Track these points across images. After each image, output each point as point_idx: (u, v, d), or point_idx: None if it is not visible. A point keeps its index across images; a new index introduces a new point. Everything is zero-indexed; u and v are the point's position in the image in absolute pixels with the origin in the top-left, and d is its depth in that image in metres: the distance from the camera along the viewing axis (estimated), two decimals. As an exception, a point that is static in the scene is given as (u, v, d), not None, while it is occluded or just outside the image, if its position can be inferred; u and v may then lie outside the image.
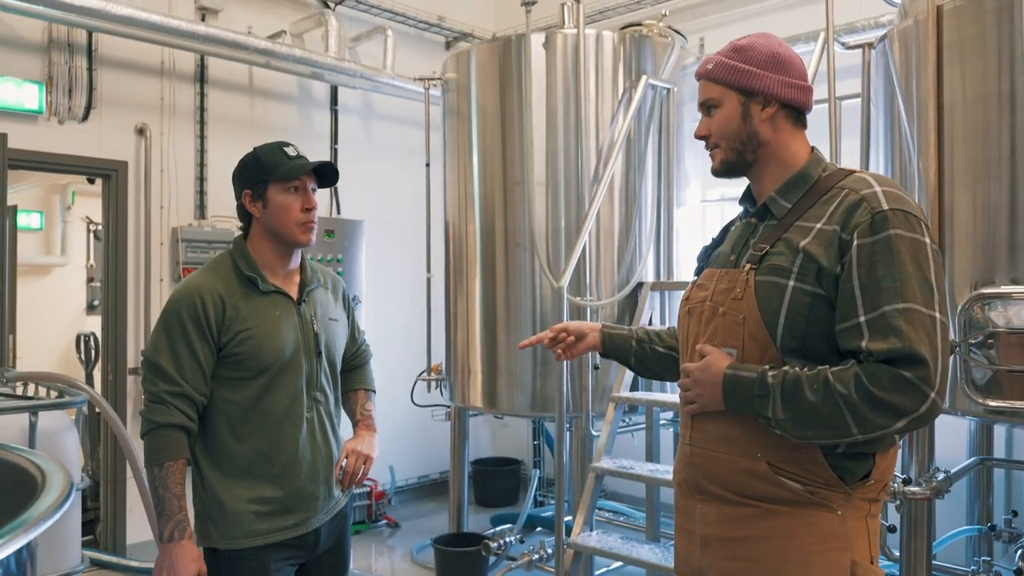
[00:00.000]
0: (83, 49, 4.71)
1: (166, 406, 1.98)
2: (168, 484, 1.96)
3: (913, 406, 1.40)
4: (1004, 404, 2.66)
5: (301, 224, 2.09)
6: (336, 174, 2.21)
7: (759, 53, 1.64)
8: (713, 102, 1.67)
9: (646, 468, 3.69)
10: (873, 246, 1.47)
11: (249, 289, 2.08)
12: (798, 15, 5.02)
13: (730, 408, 1.56)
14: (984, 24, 2.73)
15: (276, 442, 2.07)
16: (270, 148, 2.13)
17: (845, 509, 1.53)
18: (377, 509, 5.55)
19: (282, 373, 2.07)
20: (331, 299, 2.29)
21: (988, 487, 3.84)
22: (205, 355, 2.02)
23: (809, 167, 1.65)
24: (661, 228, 4.30)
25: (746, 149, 1.65)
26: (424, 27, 6.34)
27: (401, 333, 5.90)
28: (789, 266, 1.54)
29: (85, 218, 8.46)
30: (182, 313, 2.02)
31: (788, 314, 1.53)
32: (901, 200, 1.51)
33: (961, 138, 2.81)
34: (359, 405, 2.43)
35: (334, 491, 2.20)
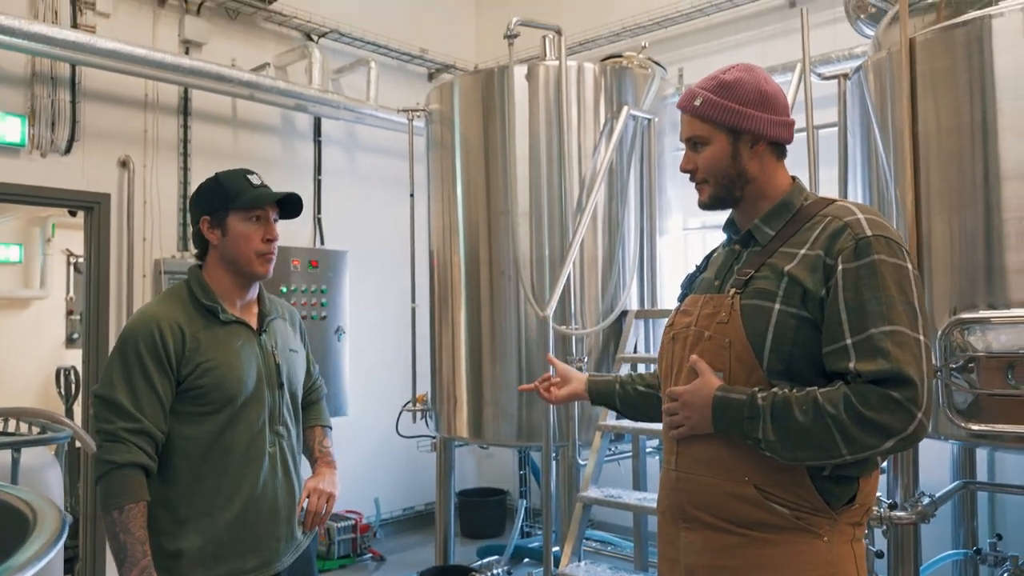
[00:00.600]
0: (66, 82, 4.72)
1: (124, 444, 1.86)
2: (130, 528, 1.84)
3: (901, 426, 1.42)
4: (986, 427, 2.68)
5: (261, 255, 2.03)
6: (300, 206, 2.14)
7: (747, 91, 1.65)
8: (701, 139, 1.68)
9: (633, 497, 3.69)
10: (858, 271, 1.50)
11: (209, 319, 2.00)
12: (774, 46, 5.13)
13: (719, 430, 1.56)
14: (955, 56, 2.81)
15: (237, 480, 1.96)
16: (233, 175, 2.07)
17: (831, 535, 1.54)
18: (362, 542, 5.48)
19: (245, 406, 1.98)
20: (289, 330, 2.22)
21: (972, 511, 3.86)
22: (164, 388, 1.92)
23: (792, 195, 1.68)
24: (644, 256, 4.34)
25: (735, 186, 1.68)
26: (407, 59, 6.41)
27: (386, 364, 5.88)
28: (775, 289, 1.57)
29: (65, 251, 8.39)
30: (139, 345, 1.92)
31: (774, 336, 1.55)
32: (883, 227, 1.55)
33: (936, 166, 2.87)
34: (317, 442, 2.33)
35: (296, 531, 2.10)
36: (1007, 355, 2.63)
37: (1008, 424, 2.65)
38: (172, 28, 5.20)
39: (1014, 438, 2.67)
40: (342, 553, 5.36)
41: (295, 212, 2.13)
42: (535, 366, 4.11)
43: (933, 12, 3.07)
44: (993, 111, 2.72)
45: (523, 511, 5.15)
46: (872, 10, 3.80)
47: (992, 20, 2.73)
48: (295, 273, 5.31)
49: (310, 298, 5.38)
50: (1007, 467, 4.03)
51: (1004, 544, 3.75)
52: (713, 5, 5.30)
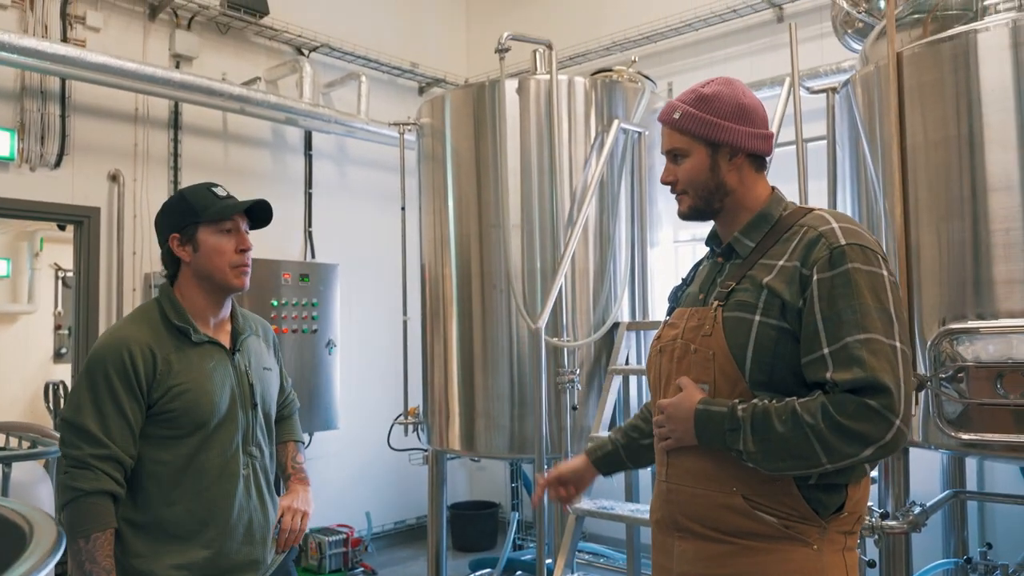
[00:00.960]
0: (56, 96, 4.71)
1: (92, 471, 1.81)
2: (96, 558, 1.79)
3: (879, 434, 1.43)
4: (976, 437, 2.70)
5: (235, 267, 1.99)
6: (270, 214, 2.09)
7: (725, 104, 1.68)
8: (680, 152, 1.72)
9: (626, 508, 3.69)
10: (832, 280, 1.52)
11: (180, 340, 1.95)
12: (762, 61, 5.19)
13: (702, 442, 1.58)
14: (942, 70, 2.85)
15: (210, 503, 1.93)
16: (197, 189, 2.03)
17: (821, 543, 1.55)
18: (353, 556, 5.45)
19: (218, 429, 1.94)
20: (263, 347, 2.18)
21: (962, 520, 3.89)
22: (134, 413, 1.87)
23: (770, 207, 1.71)
24: (635, 269, 4.36)
25: (714, 198, 1.71)
26: (397, 73, 6.44)
27: (377, 377, 5.87)
28: (754, 302, 1.59)
29: (53, 265, 8.35)
30: (108, 369, 1.87)
31: (755, 348, 1.57)
32: (858, 235, 1.57)
33: (924, 179, 2.91)
34: (289, 459, 2.29)
35: (269, 553, 2.07)
36: (996, 365, 2.66)
37: (998, 434, 2.67)
38: (163, 42, 5.20)
39: (1003, 447, 2.68)
40: (333, 567, 5.33)
41: (265, 221, 2.09)
42: (527, 378, 4.12)
43: (920, 27, 3.11)
44: (980, 124, 2.75)
45: (515, 524, 5.14)
46: (859, 25, 3.85)
47: (978, 35, 2.77)
48: (286, 287, 5.30)
49: (301, 312, 5.37)
50: (996, 476, 4.05)
51: (994, 553, 3.77)
52: (701, 20, 5.35)
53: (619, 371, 4.02)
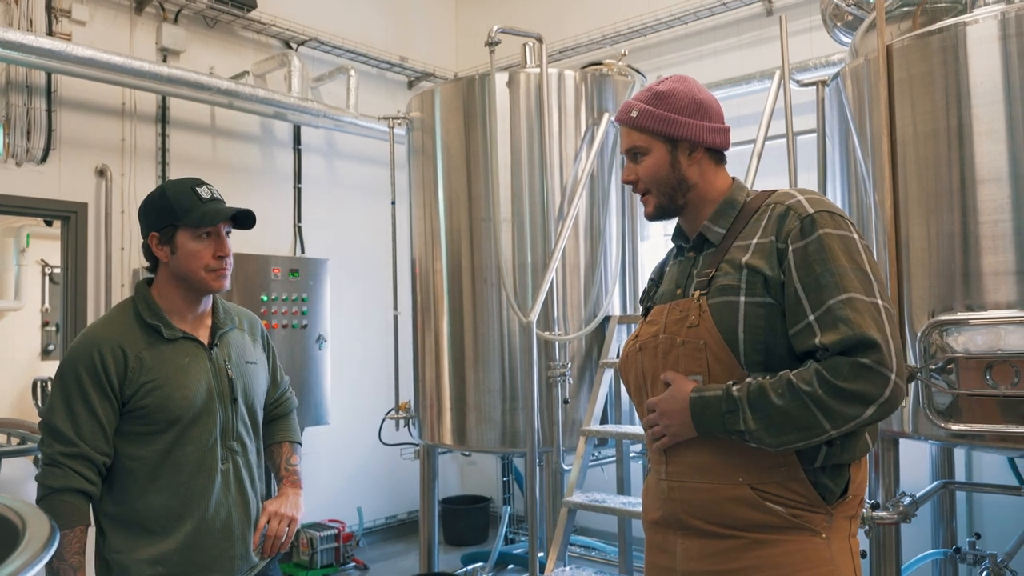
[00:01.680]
0: (42, 90, 4.66)
1: (61, 469, 1.83)
2: (63, 555, 1.79)
3: (877, 391, 1.44)
4: (965, 427, 2.72)
5: (212, 271, 1.97)
6: (253, 218, 2.06)
7: (681, 100, 1.70)
8: (640, 149, 1.73)
9: (618, 501, 3.69)
10: (806, 248, 1.54)
11: (153, 337, 1.95)
12: (752, 54, 5.19)
13: (702, 431, 1.56)
14: (931, 63, 2.85)
15: (187, 498, 1.92)
16: (181, 188, 1.99)
17: (829, 531, 1.55)
18: (345, 551, 5.44)
19: (193, 424, 1.94)
20: (248, 341, 2.16)
21: (951, 511, 3.92)
22: (106, 412, 1.88)
23: (734, 193, 1.73)
24: (626, 262, 4.37)
25: (676, 194, 1.72)
26: (386, 67, 6.41)
27: (368, 372, 5.86)
28: (737, 283, 1.60)
29: (40, 261, 8.27)
30: (79, 369, 1.89)
31: (746, 328, 1.57)
32: (824, 203, 1.60)
33: (914, 171, 2.92)
34: (283, 460, 2.25)
35: (251, 553, 2.04)
36: (985, 356, 2.68)
37: (987, 424, 2.69)
38: (150, 36, 5.16)
39: (993, 438, 2.70)
40: (325, 562, 5.32)
41: (249, 223, 2.07)
42: (518, 372, 4.12)
43: (909, 19, 3.12)
44: (968, 116, 2.77)
45: (507, 518, 5.15)
46: (849, 18, 3.85)
47: (967, 27, 2.78)
48: (275, 282, 5.28)
49: (291, 307, 5.34)
50: (984, 466, 4.08)
51: (983, 543, 3.80)
52: (691, 14, 5.35)
53: (610, 364, 4.03)
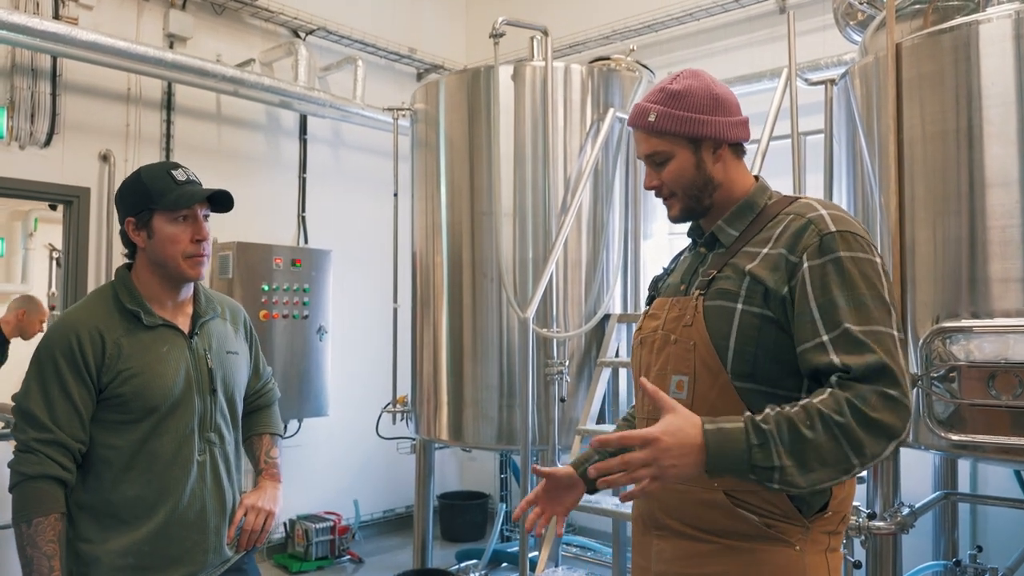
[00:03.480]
0: (47, 74, 4.65)
1: (36, 455, 1.79)
2: (38, 543, 1.75)
3: (900, 425, 1.36)
4: (967, 438, 2.65)
5: (189, 257, 1.93)
6: (231, 201, 1.99)
7: (700, 98, 1.61)
8: (662, 155, 1.64)
9: (612, 502, 3.64)
10: (824, 267, 1.46)
11: (132, 324, 1.90)
12: (763, 52, 5.11)
13: (713, 470, 1.35)
14: (942, 62, 2.78)
15: (162, 488, 1.88)
16: (156, 172, 1.94)
17: (803, 544, 1.50)
18: (340, 544, 5.42)
19: (170, 414, 1.90)
20: (230, 330, 2.11)
21: (953, 522, 3.84)
22: (82, 398, 1.84)
23: (755, 196, 1.66)
24: (628, 260, 4.30)
25: (703, 195, 1.65)
26: (395, 58, 6.36)
27: (368, 364, 5.83)
28: (736, 289, 1.54)
29: (48, 245, 8.30)
30: (55, 353, 1.84)
31: (738, 337, 1.51)
32: (847, 222, 1.52)
33: (921, 173, 2.85)
34: (263, 452, 2.21)
35: (225, 547, 1.99)
36: (989, 365, 2.60)
37: (989, 435, 2.62)
38: (156, 22, 5.14)
39: (995, 449, 2.63)
40: (320, 554, 5.29)
41: (227, 206, 2.00)
42: (516, 369, 4.07)
43: (920, 18, 3.04)
44: (979, 118, 2.69)
45: (503, 515, 5.11)
46: (861, 16, 3.77)
47: (980, 26, 2.70)
48: (277, 272, 5.25)
49: (292, 297, 5.31)
50: (988, 478, 4.00)
51: (985, 556, 3.73)
52: (703, 10, 5.27)
53: (608, 363, 3.97)
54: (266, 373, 2.31)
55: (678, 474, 1.34)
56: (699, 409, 1.54)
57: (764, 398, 1.50)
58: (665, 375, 1.62)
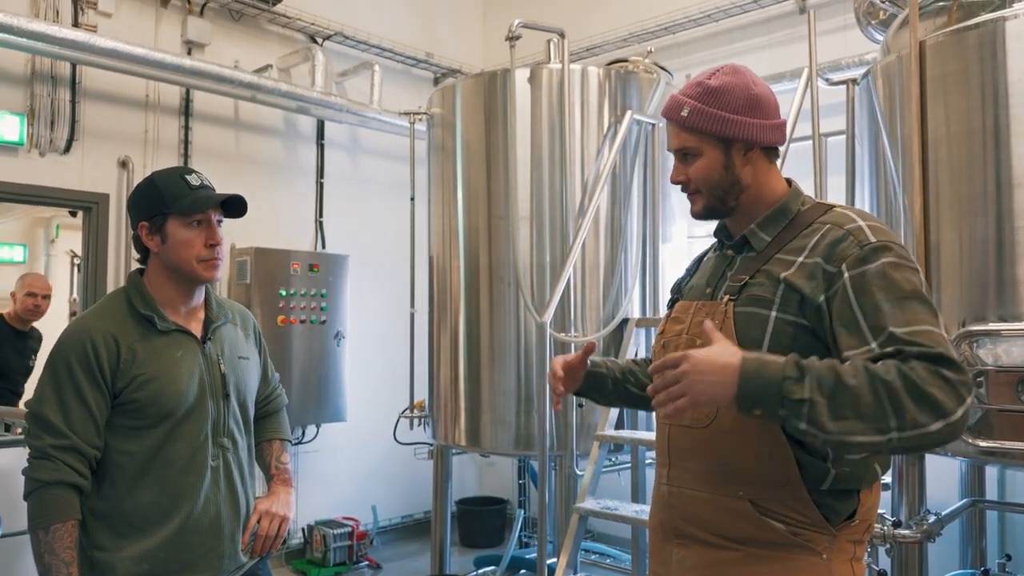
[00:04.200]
0: (66, 81, 4.68)
1: (52, 462, 1.78)
2: (55, 550, 1.75)
3: (952, 406, 1.28)
4: (994, 444, 2.60)
5: (204, 261, 1.93)
6: (244, 206, 2.00)
7: (736, 97, 1.57)
8: (691, 151, 1.61)
9: (631, 509, 3.60)
10: (864, 275, 1.42)
11: (146, 329, 1.90)
12: (783, 52, 5.05)
13: (744, 397, 1.31)
14: (967, 60, 2.72)
15: (176, 494, 1.88)
16: (170, 176, 1.95)
17: (830, 552, 1.48)
18: (358, 550, 5.40)
19: (185, 419, 1.89)
20: (241, 336, 2.12)
21: (981, 530, 3.76)
22: (97, 404, 1.83)
23: (789, 201, 1.62)
24: (647, 263, 4.26)
25: (729, 196, 1.61)
26: (412, 63, 6.37)
27: (385, 369, 5.82)
28: (771, 297, 1.50)
29: (69, 251, 8.37)
30: (70, 358, 1.83)
31: (771, 345, 1.48)
32: (886, 233, 1.49)
33: (946, 174, 2.79)
34: (274, 458, 2.21)
35: (239, 552, 1.99)
36: (1017, 369, 2.54)
37: (1018, 441, 2.56)
38: (175, 28, 5.17)
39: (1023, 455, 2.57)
40: (338, 560, 5.29)
41: (240, 211, 2.01)
42: (533, 373, 4.04)
43: (944, 15, 2.98)
44: (1006, 116, 2.63)
45: (521, 521, 5.08)
46: (883, 15, 3.72)
47: (1006, 23, 2.65)
48: (295, 277, 5.26)
49: (310, 302, 5.32)
50: (1018, 485, 3.92)
51: (1014, 565, 3.65)
52: (721, 11, 5.23)
53: (627, 368, 3.93)
54: (274, 379, 2.31)
55: (706, 392, 1.32)
56: (725, 415, 1.51)
57: None
58: None
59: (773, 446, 1.47)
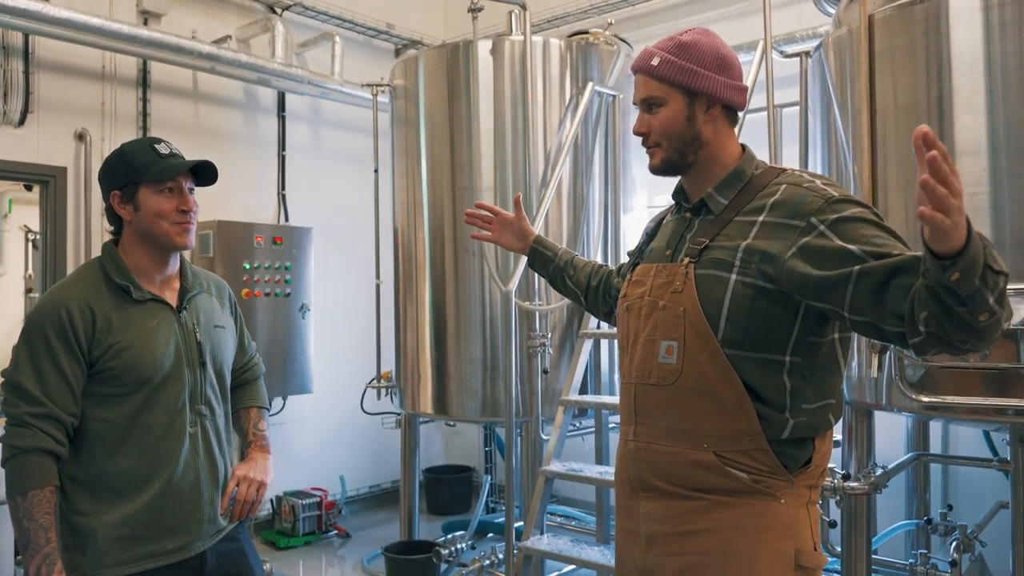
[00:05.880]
0: (19, 52, 4.59)
1: (29, 428, 1.81)
2: (33, 515, 1.79)
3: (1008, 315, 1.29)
4: (937, 399, 2.74)
5: (176, 224, 1.96)
6: (215, 173, 2.04)
7: (705, 53, 1.64)
8: (657, 100, 1.67)
9: (595, 471, 3.72)
10: (841, 219, 1.46)
11: (121, 298, 1.93)
12: (739, 25, 5.14)
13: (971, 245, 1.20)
14: (913, 33, 2.83)
15: (155, 460, 1.91)
16: (139, 146, 1.98)
17: (788, 497, 1.57)
18: (327, 519, 5.47)
19: (161, 387, 1.93)
20: (216, 305, 2.15)
21: (925, 482, 3.96)
22: (74, 372, 1.86)
23: (744, 165, 1.68)
24: (609, 233, 4.35)
25: (688, 149, 1.67)
26: (373, 34, 6.33)
27: (351, 340, 5.85)
28: (731, 260, 1.57)
29: (23, 227, 8.20)
30: (46, 327, 1.85)
31: (731, 307, 1.55)
32: (845, 192, 1.55)
33: (893, 143, 2.91)
34: (251, 424, 2.25)
35: (219, 517, 2.04)
36: (958, 328, 2.68)
37: (959, 396, 2.71)
38: (130, -2, 5.08)
39: (964, 410, 2.72)
40: (307, 530, 5.35)
41: (211, 179, 2.05)
42: (499, 342, 4.12)
43: (892, -10, 3.09)
44: (949, 88, 2.75)
45: (488, 487, 5.18)
46: (835, -12, 3.81)
47: (949, -1, 2.76)
48: (259, 250, 5.25)
49: (274, 275, 5.32)
50: (959, 439, 4.12)
51: (955, 514, 3.85)
52: (680, -17, 5.29)
53: (590, 335, 4.03)
54: (251, 348, 2.34)
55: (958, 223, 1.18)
56: (689, 373, 1.59)
57: (752, 363, 1.56)
58: (654, 340, 1.65)
59: (735, 401, 1.55)
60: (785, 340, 1.56)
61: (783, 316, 1.54)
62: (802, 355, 1.57)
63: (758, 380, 1.56)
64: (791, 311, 1.54)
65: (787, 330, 1.55)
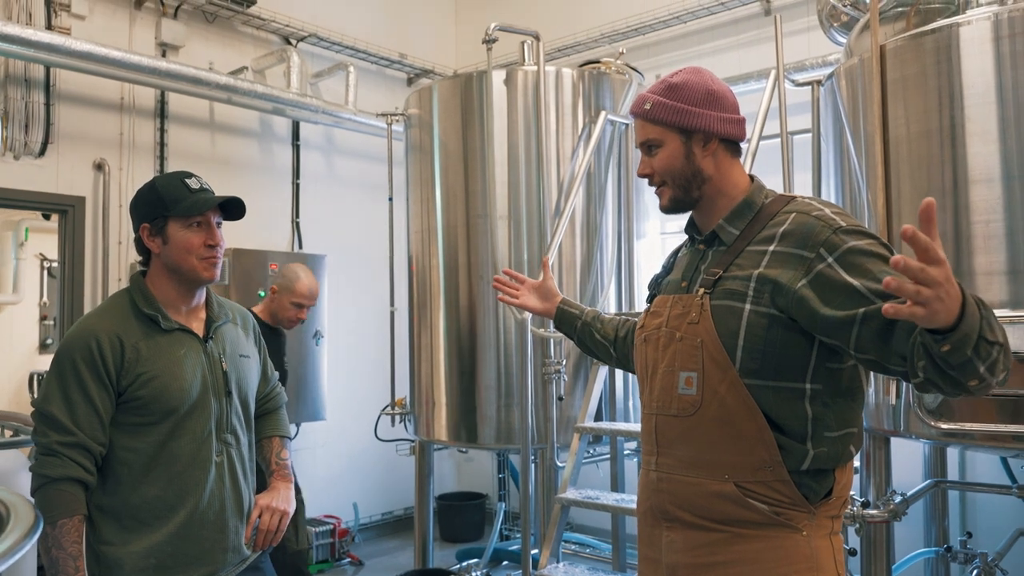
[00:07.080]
0: (40, 84, 4.67)
1: (59, 458, 1.83)
2: (63, 544, 1.80)
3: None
4: (955, 427, 2.73)
5: (204, 259, 1.99)
6: (243, 208, 2.08)
7: (694, 91, 1.68)
8: (654, 142, 1.71)
9: (611, 498, 3.71)
10: (847, 253, 1.47)
11: (150, 328, 1.96)
12: (750, 54, 5.20)
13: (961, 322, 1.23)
14: (924, 63, 2.87)
15: (181, 489, 1.93)
16: (170, 180, 2.02)
17: (810, 529, 1.56)
18: (340, 547, 5.46)
19: (188, 416, 1.95)
20: (241, 335, 2.17)
21: (943, 509, 3.93)
22: (103, 401, 1.88)
23: (752, 195, 1.70)
24: (622, 260, 4.38)
25: (691, 186, 1.70)
26: (386, 64, 6.42)
27: (365, 367, 5.87)
28: (744, 290, 1.58)
29: (39, 255, 8.29)
30: (76, 358, 1.88)
31: (746, 336, 1.56)
32: (850, 218, 1.56)
33: (907, 171, 2.93)
34: (274, 454, 2.27)
35: (243, 546, 2.05)
36: (975, 355, 2.68)
37: (977, 423, 2.70)
38: (149, 31, 5.17)
39: (983, 437, 2.72)
40: (320, 558, 5.34)
41: (239, 214, 2.09)
42: (514, 369, 4.13)
43: (903, 20, 3.13)
44: (961, 117, 2.78)
45: (502, 514, 5.17)
46: (845, 18, 3.86)
47: (960, 28, 2.79)
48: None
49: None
50: (977, 466, 4.10)
51: (974, 542, 3.82)
52: (689, 12, 5.36)
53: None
54: (273, 378, 2.36)
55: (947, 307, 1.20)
56: (710, 404, 1.60)
57: (772, 392, 1.56)
58: (673, 371, 1.66)
59: (756, 431, 1.56)
60: (803, 367, 1.56)
61: (798, 343, 1.55)
62: (822, 381, 1.57)
63: (778, 409, 1.57)
64: (807, 338, 1.55)
65: (804, 357, 1.56)
